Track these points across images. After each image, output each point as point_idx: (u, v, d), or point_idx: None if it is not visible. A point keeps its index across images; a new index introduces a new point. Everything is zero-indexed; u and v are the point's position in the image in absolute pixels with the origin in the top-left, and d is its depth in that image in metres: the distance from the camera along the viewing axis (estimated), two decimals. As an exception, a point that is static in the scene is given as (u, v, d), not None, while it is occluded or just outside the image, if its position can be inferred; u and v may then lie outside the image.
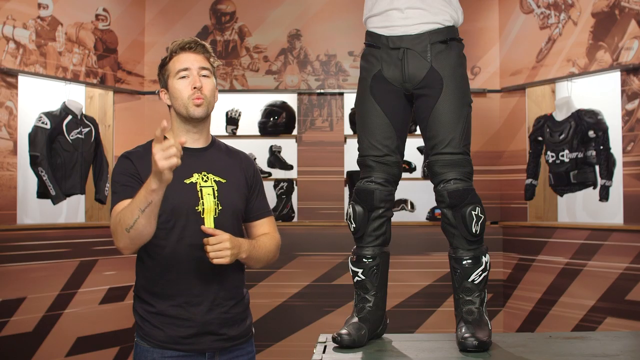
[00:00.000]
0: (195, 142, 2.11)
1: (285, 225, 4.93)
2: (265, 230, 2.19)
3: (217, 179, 2.08)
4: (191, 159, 2.06)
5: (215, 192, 2.06)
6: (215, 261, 1.91)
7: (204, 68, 2.08)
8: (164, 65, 2.11)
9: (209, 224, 2.03)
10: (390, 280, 2.08)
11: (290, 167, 5.19)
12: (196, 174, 2.06)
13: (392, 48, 1.97)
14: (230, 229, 2.05)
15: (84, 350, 4.44)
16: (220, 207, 2.05)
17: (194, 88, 2.04)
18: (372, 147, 2.00)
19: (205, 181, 2.06)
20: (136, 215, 1.86)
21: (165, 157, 1.76)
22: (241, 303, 2.13)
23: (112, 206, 2.03)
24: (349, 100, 5.12)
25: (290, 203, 5.11)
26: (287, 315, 4.97)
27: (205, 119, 2.10)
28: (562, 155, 4.51)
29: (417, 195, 5.16)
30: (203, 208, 2.03)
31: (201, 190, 2.04)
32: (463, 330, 1.84)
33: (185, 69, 2.06)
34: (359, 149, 2.06)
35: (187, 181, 2.04)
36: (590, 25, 4.45)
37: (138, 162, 2.04)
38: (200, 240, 1.98)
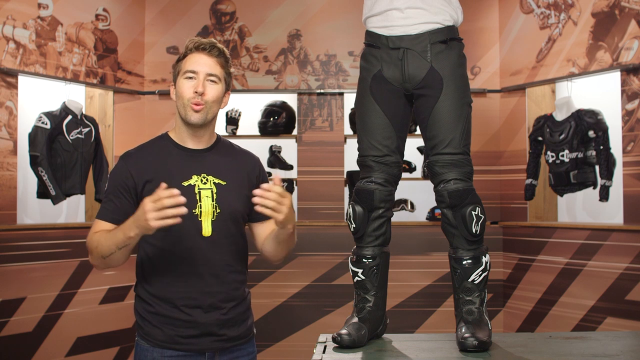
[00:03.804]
0: (197, 143, 2.09)
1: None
2: (272, 230, 2.16)
3: (216, 181, 2.05)
4: (191, 160, 2.06)
5: (214, 195, 2.03)
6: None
7: (211, 74, 2.03)
8: (178, 61, 2.08)
9: (206, 227, 2.02)
10: (390, 280, 2.08)
11: (290, 167, 5.20)
12: (195, 175, 2.04)
13: (392, 48, 1.96)
14: (228, 232, 2.04)
15: (84, 350, 4.44)
16: (218, 210, 2.03)
17: (195, 92, 2.00)
18: (372, 147, 2.00)
19: (204, 183, 2.04)
20: (113, 250, 1.93)
21: (158, 218, 1.78)
22: (242, 304, 2.12)
23: (97, 214, 2.04)
24: (349, 100, 5.12)
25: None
26: (287, 315, 4.97)
27: (204, 124, 2.07)
28: (562, 155, 4.51)
29: (417, 195, 5.16)
30: (201, 211, 2.01)
31: (199, 192, 2.02)
32: (463, 330, 1.84)
33: (193, 72, 2.02)
34: (358, 149, 2.05)
35: (185, 183, 2.02)
36: (590, 25, 4.45)
37: (134, 166, 2.03)
38: (197, 243, 2.00)
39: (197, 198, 2.02)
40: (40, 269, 4.22)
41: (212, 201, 2.03)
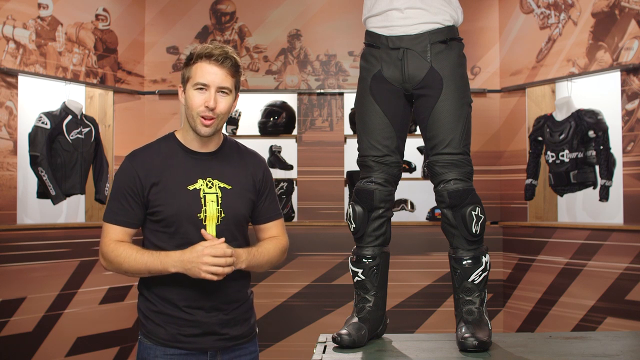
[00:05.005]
0: (204, 146, 2.08)
1: (285, 225, 4.92)
2: (273, 233, 2.19)
3: (222, 185, 2.06)
4: (197, 164, 2.06)
5: (219, 199, 2.04)
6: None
7: (223, 87, 2.01)
8: (187, 64, 2.03)
9: (210, 231, 2.02)
10: (390, 280, 2.08)
11: (290, 167, 5.19)
12: (201, 179, 2.04)
13: (392, 48, 1.96)
14: (232, 236, 2.04)
15: (84, 350, 4.44)
16: (223, 215, 2.04)
17: (206, 107, 1.99)
18: (372, 147, 2.00)
19: (210, 187, 2.04)
20: (143, 274, 2.00)
21: (210, 271, 1.90)
22: (244, 305, 2.13)
23: (105, 217, 2.05)
24: (349, 100, 5.12)
25: (290, 203, 5.11)
26: (287, 315, 4.97)
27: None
28: (562, 155, 4.51)
29: (417, 195, 5.16)
30: (205, 215, 2.02)
31: (204, 197, 2.03)
32: (463, 330, 1.84)
33: (204, 84, 1.99)
34: (358, 149, 2.05)
35: (191, 187, 2.02)
36: (590, 25, 4.45)
37: (141, 167, 2.03)
38: None
39: (202, 202, 2.02)
40: (40, 269, 4.22)
41: (217, 206, 2.03)
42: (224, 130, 5.00)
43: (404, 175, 4.40)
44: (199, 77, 2.00)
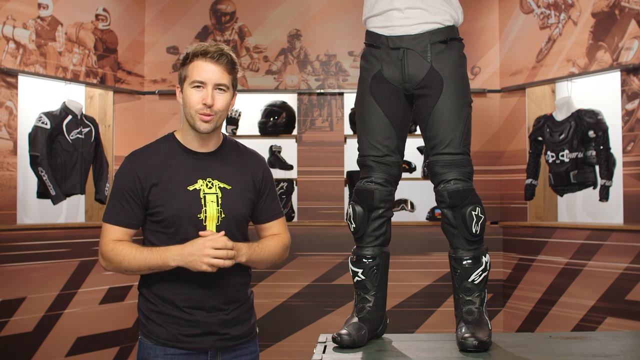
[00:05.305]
0: (203, 146, 2.08)
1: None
2: (275, 231, 2.19)
3: (222, 185, 2.06)
4: (197, 164, 2.06)
5: (219, 200, 2.04)
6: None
7: (220, 84, 2.01)
8: (184, 63, 2.04)
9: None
10: (390, 280, 2.08)
11: (290, 167, 5.19)
12: (201, 180, 2.04)
13: (392, 48, 1.96)
14: (232, 236, 2.04)
15: (84, 350, 4.44)
16: (223, 215, 2.04)
17: (204, 104, 1.99)
18: (372, 147, 2.00)
19: (210, 188, 2.04)
20: (143, 271, 1.99)
21: (210, 264, 1.90)
22: (245, 304, 2.13)
23: (105, 217, 2.05)
24: (349, 100, 5.12)
25: (290, 203, 5.11)
26: (287, 315, 4.97)
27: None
28: (562, 155, 4.51)
29: (417, 195, 5.16)
30: (205, 216, 2.02)
31: (204, 197, 2.03)
32: (463, 330, 1.84)
33: (201, 82, 2.00)
34: (359, 149, 2.05)
35: (191, 188, 2.02)
36: (590, 25, 4.45)
37: (141, 168, 2.03)
38: None
39: (202, 203, 2.02)
40: (40, 269, 4.22)
41: (217, 206, 2.03)
42: (223, 130, 5.02)
43: (404, 175, 4.39)
44: (195, 75, 2.00)
